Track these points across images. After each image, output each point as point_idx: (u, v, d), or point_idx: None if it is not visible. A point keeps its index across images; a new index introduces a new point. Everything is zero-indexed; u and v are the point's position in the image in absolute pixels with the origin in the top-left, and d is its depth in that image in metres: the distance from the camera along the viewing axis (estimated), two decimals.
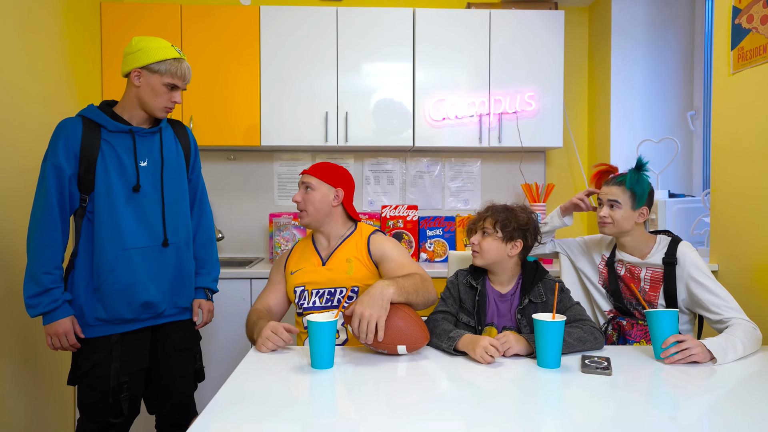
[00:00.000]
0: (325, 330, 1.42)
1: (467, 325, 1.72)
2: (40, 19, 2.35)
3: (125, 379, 1.75)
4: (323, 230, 1.88)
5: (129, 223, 1.73)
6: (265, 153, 3.26)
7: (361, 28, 2.92)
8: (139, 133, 1.77)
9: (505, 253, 1.70)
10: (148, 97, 1.74)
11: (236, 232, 3.25)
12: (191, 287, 1.90)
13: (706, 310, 1.69)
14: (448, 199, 3.33)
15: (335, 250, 1.84)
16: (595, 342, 1.58)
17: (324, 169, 1.87)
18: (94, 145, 1.70)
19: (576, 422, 1.13)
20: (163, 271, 1.79)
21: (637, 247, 1.84)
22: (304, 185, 1.85)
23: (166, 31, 2.85)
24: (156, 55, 1.71)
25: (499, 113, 2.96)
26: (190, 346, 1.92)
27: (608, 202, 1.82)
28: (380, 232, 1.90)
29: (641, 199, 1.79)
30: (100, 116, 1.73)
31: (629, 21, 3.06)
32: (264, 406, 1.21)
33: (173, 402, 1.89)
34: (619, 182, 1.82)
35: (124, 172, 1.73)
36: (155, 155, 1.80)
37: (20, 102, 2.21)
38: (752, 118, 1.99)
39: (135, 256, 1.73)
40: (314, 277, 1.82)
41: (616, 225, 1.81)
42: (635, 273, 1.83)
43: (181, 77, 1.75)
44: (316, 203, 1.83)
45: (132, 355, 1.77)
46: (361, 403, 1.23)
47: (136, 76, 1.72)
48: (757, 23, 1.94)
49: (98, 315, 1.72)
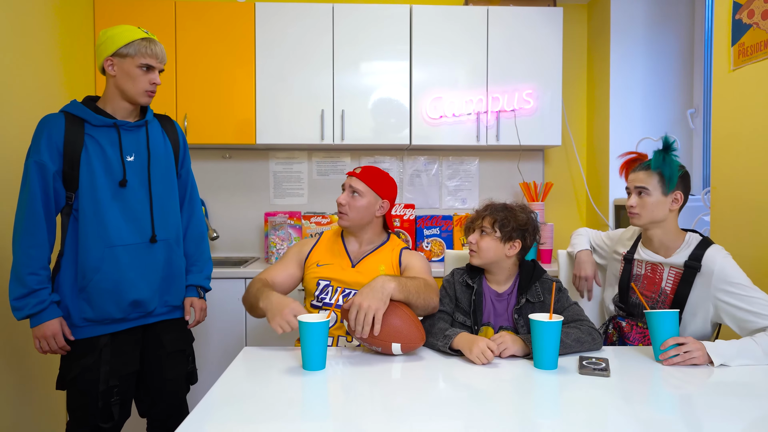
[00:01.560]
0: (316, 331, 1.39)
1: (463, 324, 1.69)
2: (32, 15, 2.32)
3: (115, 382, 1.71)
4: (357, 234, 1.87)
5: (115, 219, 1.69)
6: (260, 151, 3.23)
7: (358, 25, 2.89)
8: (124, 126, 1.73)
9: (503, 253, 1.67)
10: (126, 83, 1.69)
11: (231, 231, 3.22)
12: (182, 285, 1.87)
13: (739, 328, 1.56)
14: (446, 198, 3.30)
15: (366, 256, 1.84)
16: (593, 343, 1.56)
17: (375, 177, 1.85)
18: (77, 141, 1.66)
19: (573, 424, 1.10)
20: (152, 269, 1.75)
21: (664, 243, 1.70)
22: (351, 189, 1.83)
23: (159, 27, 2.82)
24: (122, 39, 1.67)
25: (497, 111, 2.93)
26: (182, 348, 1.88)
27: (636, 189, 1.69)
28: (409, 249, 1.90)
29: (671, 182, 1.64)
30: (83, 111, 1.69)
31: (628, 18, 3.03)
32: (254, 408, 1.18)
33: (165, 405, 1.85)
34: (645, 167, 1.68)
35: (109, 167, 1.69)
36: (142, 149, 1.76)
37: (12, 98, 2.18)
38: (753, 115, 1.96)
39: (122, 254, 1.69)
40: (343, 276, 1.79)
41: (648, 214, 1.66)
42: (658, 272, 1.71)
43: (153, 56, 1.70)
44: (361, 210, 1.82)
45: (122, 357, 1.73)
46: (355, 405, 1.20)
47: (109, 65, 1.69)
48: (758, 18, 1.91)
49: (86, 315, 1.68)
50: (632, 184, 1.70)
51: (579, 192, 3.36)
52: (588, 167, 3.33)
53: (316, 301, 1.79)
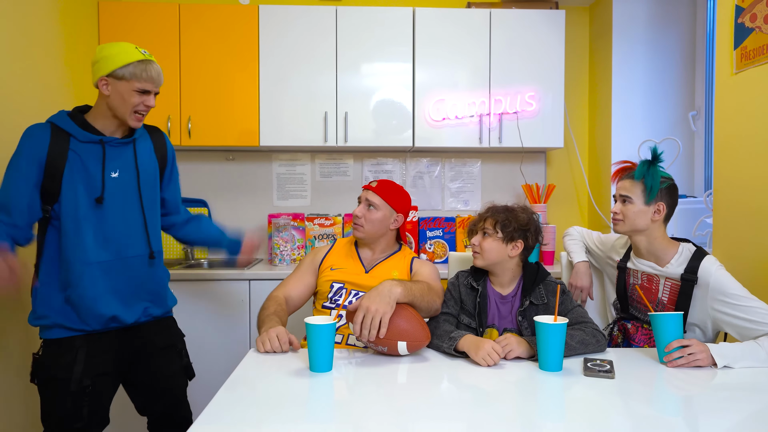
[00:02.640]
0: (324, 332, 1.40)
1: (468, 326, 1.70)
2: (37, 19, 2.33)
3: (88, 382, 1.66)
4: (371, 245, 1.92)
5: (93, 236, 1.67)
6: (263, 153, 3.24)
7: (361, 28, 2.90)
8: (111, 143, 1.70)
9: (505, 254, 1.68)
10: (119, 105, 1.67)
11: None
12: (165, 294, 1.87)
13: (741, 336, 1.56)
14: (448, 199, 3.31)
15: (379, 263, 1.88)
16: (597, 345, 1.57)
17: (390, 191, 1.90)
18: (61, 155, 1.63)
19: (578, 426, 1.11)
20: (130, 284, 1.73)
21: (653, 252, 1.71)
22: (367, 202, 1.87)
23: (164, 31, 2.83)
24: (119, 60, 1.64)
25: (499, 113, 2.95)
26: (173, 342, 1.88)
27: (620, 197, 1.72)
28: (420, 259, 1.94)
29: (652, 192, 1.66)
30: (69, 125, 1.66)
31: (630, 20, 3.04)
32: (262, 409, 1.19)
33: (165, 402, 1.86)
34: (631, 176, 1.71)
35: (90, 183, 1.67)
36: (129, 166, 1.74)
37: (17, 102, 2.18)
38: (755, 118, 1.97)
39: (98, 271, 1.67)
40: (357, 280, 1.83)
41: (629, 222, 1.70)
42: (654, 282, 1.72)
43: (149, 80, 1.66)
44: (376, 223, 1.87)
45: (96, 358, 1.69)
46: (362, 406, 1.21)
47: (104, 85, 1.66)
48: (760, 22, 1.92)
49: (65, 324, 1.66)
50: (618, 191, 1.74)
51: (581, 194, 3.37)
52: (590, 169, 3.34)
53: (329, 303, 1.81)
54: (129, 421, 2.21)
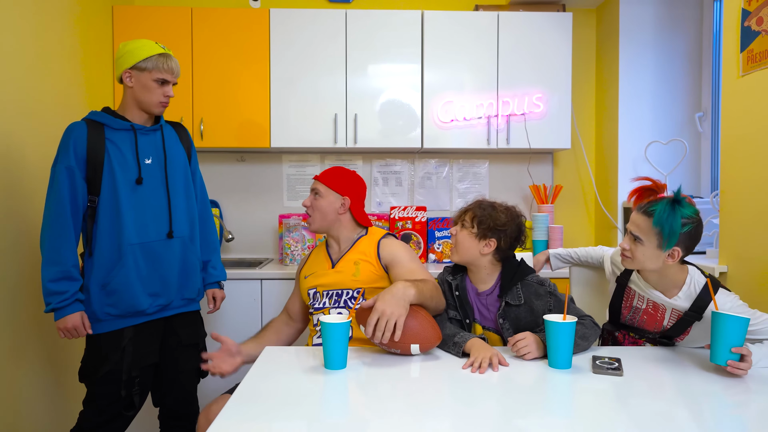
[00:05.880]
0: (338, 331, 1.43)
1: (454, 319, 1.74)
2: (52, 24, 2.38)
3: (137, 373, 1.82)
4: (333, 235, 1.93)
5: (133, 218, 1.79)
6: (274, 154, 3.29)
7: (370, 31, 2.93)
8: (141, 130, 1.85)
9: (477, 251, 1.70)
10: (143, 95, 1.83)
11: (246, 233, 3.27)
12: (197, 279, 1.97)
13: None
14: (456, 200, 3.35)
15: (345, 254, 1.88)
16: (595, 334, 1.61)
17: (333, 176, 1.90)
18: (99, 146, 1.77)
19: (587, 423, 1.14)
20: (168, 264, 1.86)
21: (662, 284, 1.60)
22: (313, 191, 1.90)
23: (176, 34, 2.88)
24: (141, 53, 1.81)
25: (507, 115, 2.97)
26: (196, 341, 2.00)
27: (631, 235, 1.55)
28: (391, 236, 1.93)
29: (670, 241, 1.48)
30: (102, 116, 1.81)
31: (637, 22, 3.06)
32: (278, 405, 1.23)
33: (176, 396, 1.96)
34: (649, 213, 1.51)
35: (127, 168, 1.80)
36: (159, 152, 1.88)
37: (33, 106, 2.23)
38: (762, 120, 1.99)
39: (139, 251, 1.80)
40: (324, 279, 1.86)
41: (639, 262, 1.56)
42: (660, 310, 1.63)
43: (169, 71, 1.85)
44: (322, 210, 1.88)
45: (144, 350, 1.84)
46: (375, 403, 1.24)
47: (128, 77, 1.82)
48: (766, 26, 1.94)
49: (109, 311, 1.78)
50: (630, 226, 1.56)
51: (588, 194, 3.39)
52: (597, 170, 3.36)
53: (312, 310, 1.87)
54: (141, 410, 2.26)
